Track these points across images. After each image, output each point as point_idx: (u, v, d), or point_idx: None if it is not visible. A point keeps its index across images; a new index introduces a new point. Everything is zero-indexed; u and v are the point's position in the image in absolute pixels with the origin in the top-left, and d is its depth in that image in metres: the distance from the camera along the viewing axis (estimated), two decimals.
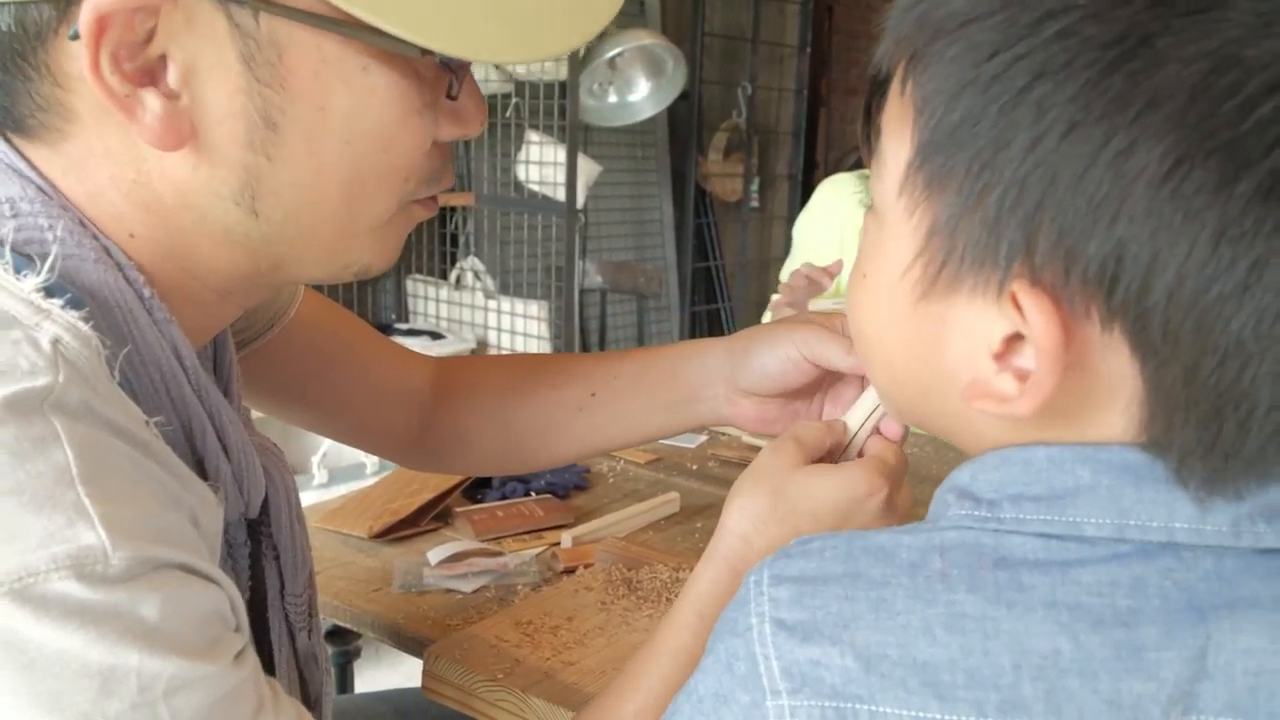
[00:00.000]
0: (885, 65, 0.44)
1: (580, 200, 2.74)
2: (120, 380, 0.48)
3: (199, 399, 0.54)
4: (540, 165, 2.76)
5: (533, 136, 2.80)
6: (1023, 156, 0.37)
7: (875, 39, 0.45)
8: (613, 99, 3.18)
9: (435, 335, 2.86)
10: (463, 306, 2.95)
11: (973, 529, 0.42)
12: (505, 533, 1.09)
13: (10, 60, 0.48)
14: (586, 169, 2.83)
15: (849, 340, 0.69)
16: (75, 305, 0.46)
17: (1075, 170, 0.36)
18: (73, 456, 0.42)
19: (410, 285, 3.07)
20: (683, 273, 3.68)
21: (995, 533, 0.41)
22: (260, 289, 0.59)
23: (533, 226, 2.95)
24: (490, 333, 2.92)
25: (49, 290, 0.46)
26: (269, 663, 0.63)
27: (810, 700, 0.40)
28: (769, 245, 4.13)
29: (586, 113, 3.05)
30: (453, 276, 3.00)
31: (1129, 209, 0.36)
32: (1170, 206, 0.35)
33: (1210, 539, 0.39)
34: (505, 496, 1.18)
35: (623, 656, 0.83)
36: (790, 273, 1.48)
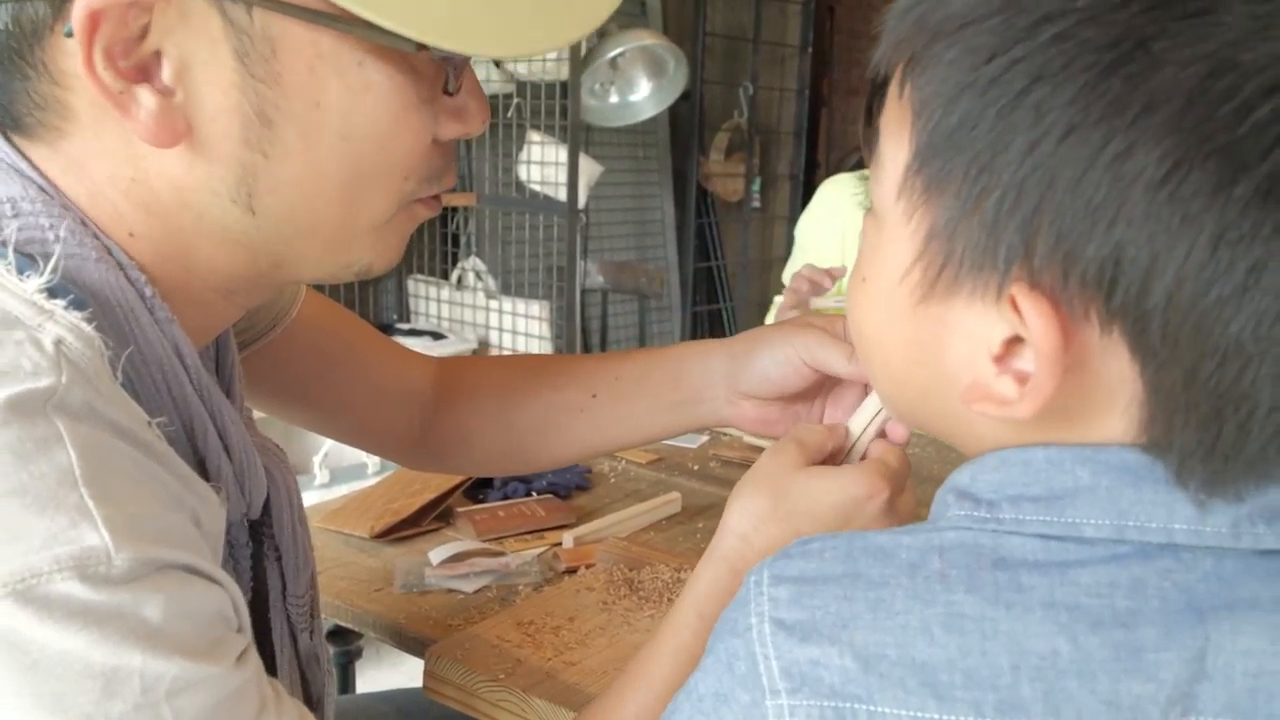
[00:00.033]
0: (884, 68, 0.44)
1: (582, 200, 2.74)
2: (122, 380, 0.48)
3: (200, 398, 0.54)
4: (542, 165, 2.76)
5: (534, 136, 2.80)
6: (1021, 160, 0.37)
7: (877, 39, 0.45)
8: (614, 99, 3.18)
9: (437, 335, 2.86)
10: (464, 307, 2.96)
11: (972, 529, 0.42)
12: (507, 533, 1.09)
13: (8, 58, 0.48)
14: (588, 169, 2.83)
15: (850, 346, 0.69)
16: (78, 306, 0.46)
17: (1073, 173, 0.36)
18: (76, 457, 0.42)
19: (412, 285, 3.08)
20: (684, 273, 3.68)
21: (994, 533, 0.41)
22: (261, 289, 0.59)
23: (534, 226, 2.95)
24: (492, 333, 2.92)
25: (52, 291, 0.46)
26: (271, 663, 0.63)
27: (809, 700, 0.40)
28: (771, 245, 4.13)
29: (588, 113, 3.05)
30: (454, 276, 3.00)
31: (1127, 212, 0.36)
32: (1168, 209, 0.35)
33: (1210, 540, 0.39)
34: (507, 496, 1.18)
35: (624, 657, 0.83)
36: (793, 275, 1.48)
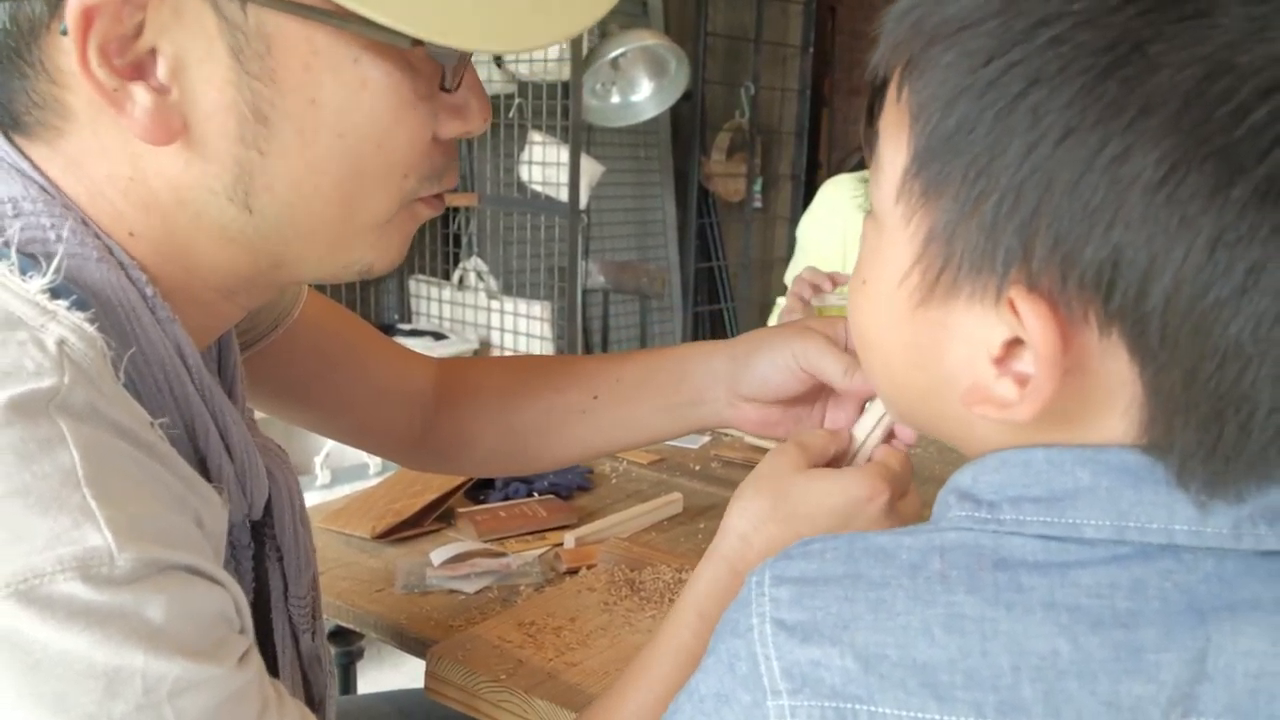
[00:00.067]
0: (882, 70, 0.44)
1: (583, 200, 2.74)
2: (124, 381, 0.48)
3: (202, 398, 0.54)
4: (543, 165, 2.76)
5: (535, 137, 2.80)
6: (1018, 163, 0.37)
7: (877, 41, 0.45)
8: (616, 99, 3.18)
9: (438, 336, 2.86)
10: (465, 307, 2.96)
11: (972, 530, 0.42)
12: (508, 533, 1.09)
13: (6, 57, 0.48)
14: (589, 169, 2.83)
15: (848, 358, 0.69)
16: (81, 307, 0.46)
17: (1071, 176, 0.36)
18: (78, 458, 0.42)
19: (413, 285, 3.08)
20: (685, 273, 3.68)
21: (995, 534, 0.42)
22: (262, 288, 0.59)
23: (535, 227, 2.96)
24: (493, 333, 2.92)
25: (54, 291, 0.46)
26: (273, 664, 0.63)
27: (810, 700, 0.40)
28: (772, 245, 4.13)
29: (589, 113, 3.05)
30: (456, 277, 3.01)
31: (1125, 214, 0.36)
32: (1166, 212, 0.35)
33: (1211, 541, 0.39)
34: (508, 497, 1.18)
35: (626, 657, 0.83)
36: (795, 277, 1.49)
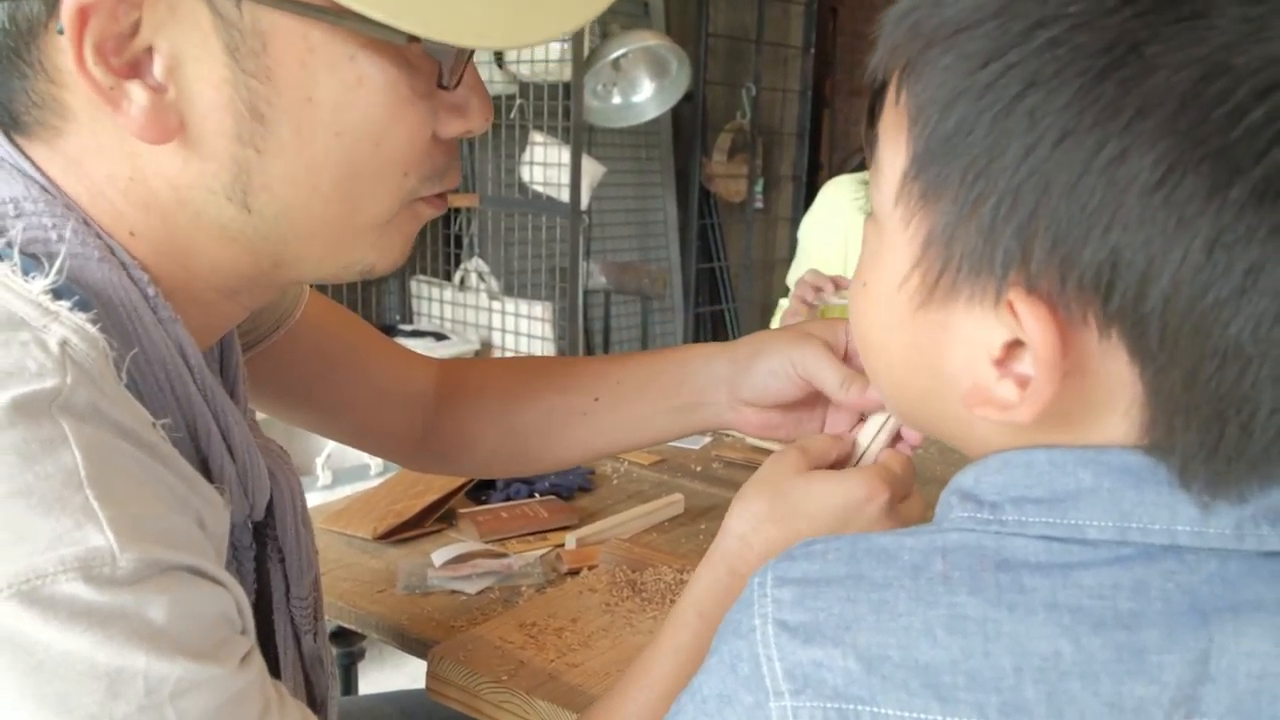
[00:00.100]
0: (881, 73, 0.44)
1: (584, 201, 2.74)
2: (126, 381, 0.47)
3: (204, 398, 0.54)
4: (544, 166, 2.77)
5: (537, 138, 2.80)
6: (1016, 165, 0.37)
7: (876, 43, 0.45)
8: (617, 100, 3.18)
9: (439, 336, 2.86)
10: (467, 308, 2.96)
11: (975, 531, 0.42)
12: (509, 534, 1.09)
13: (6, 57, 0.48)
14: (591, 170, 2.83)
15: (846, 369, 0.70)
16: (83, 307, 0.46)
17: (1068, 178, 0.36)
18: (81, 459, 0.42)
19: (415, 286, 3.08)
20: (687, 274, 3.68)
21: (997, 535, 0.42)
22: (264, 288, 0.58)
23: (537, 227, 2.96)
24: (494, 334, 2.92)
25: (57, 292, 0.46)
26: (274, 666, 0.63)
27: (813, 701, 0.40)
28: (773, 246, 4.13)
29: (591, 114, 3.05)
30: (457, 277, 3.01)
31: (1122, 216, 0.36)
32: (1164, 213, 0.35)
33: (1213, 542, 0.39)
34: (509, 498, 1.18)
35: (627, 658, 0.83)
36: (797, 280, 1.49)
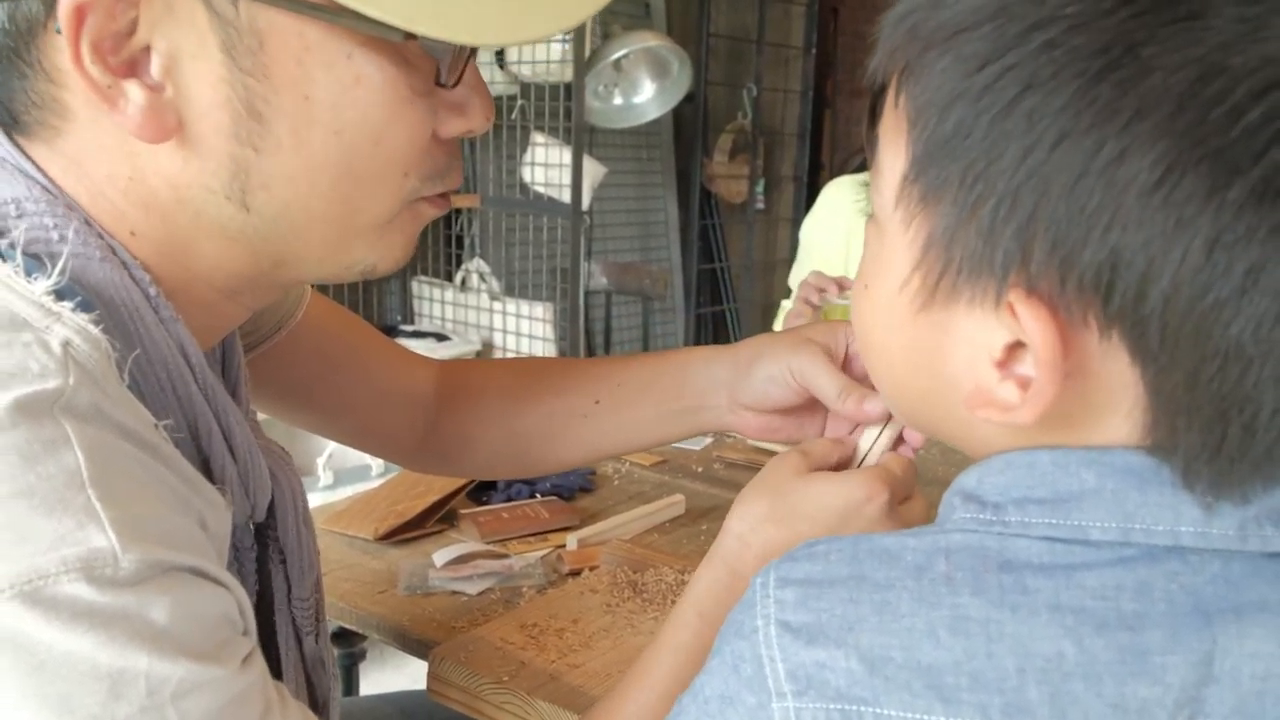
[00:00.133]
0: (880, 76, 0.44)
1: (585, 202, 2.74)
2: (128, 382, 0.47)
3: (205, 398, 0.54)
4: (545, 167, 2.77)
5: (538, 138, 2.80)
6: (1015, 167, 0.37)
7: (874, 46, 0.45)
8: (618, 101, 3.18)
9: (440, 337, 2.87)
10: (468, 308, 2.96)
11: (977, 532, 0.42)
12: (510, 535, 1.09)
13: (6, 57, 0.48)
14: (592, 171, 2.83)
15: (844, 378, 0.70)
16: (85, 308, 0.46)
17: (1067, 180, 0.36)
18: (83, 459, 0.42)
19: (416, 287, 3.08)
20: (688, 274, 3.68)
21: (1000, 536, 0.41)
22: (265, 289, 0.58)
23: (538, 228, 2.96)
24: (495, 334, 2.92)
25: (60, 293, 0.46)
26: (276, 667, 0.63)
27: (815, 702, 0.40)
28: (774, 247, 4.13)
29: (592, 114, 3.05)
30: (458, 278, 3.01)
31: (1122, 217, 0.36)
32: (1162, 214, 0.35)
33: (1217, 543, 0.39)
34: (510, 498, 1.18)
35: (628, 659, 0.83)
36: (800, 281, 1.49)
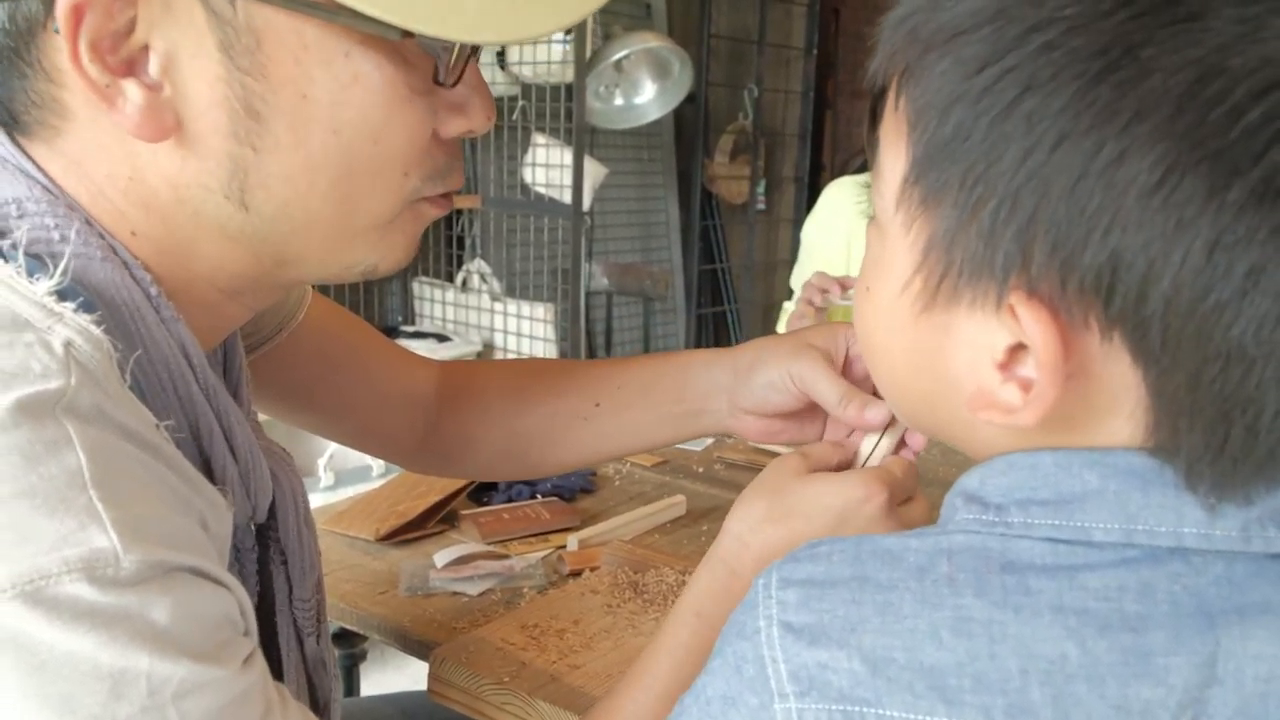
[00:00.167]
0: (880, 79, 0.44)
1: (586, 203, 2.74)
2: (130, 383, 0.47)
3: (206, 398, 0.54)
4: (546, 168, 2.77)
5: (539, 139, 2.81)
6: (1015, 169, 0.37)
7: (875, 48, 0.45)
8: (619, 101, 3.18)
9: (441, 338, 2.87)
10: (469, 309, 2.96)
11: (980, 533, 0.42)
12: (511, 535, 1.09)
13: (6, 57, 0.48)
14: (593, 171, 2.83)
15: (844, 385, 0.70)
16: (87, 309, 0.46)
17: (1067, 182, 0.36)
18: (85, 460, 0.42)
19: (417, 287, 3.08)
20: (689, 275, 3.68)
21: (1003, 537, 0.41)
22: (267, 289, 0.58)
23: (539, 229, 2.96)
24: (497, 335, 2.92)
25: (62, 293, 0.46)
26: (277, 668, 0.63)
27: (818, 703, 0.40)
28: (775, 248, 4.13)
29: (593, 115, 3.05)
30: (459, 279, 3.01)
31: (1122, 219, 0.36)
32: (1163, 215, 0.35)
33: (1220, 544, 0.39)
34: (511, 499, 1.18)
35: (629, 660, 0.83)
36: (803, 282, 1.49)
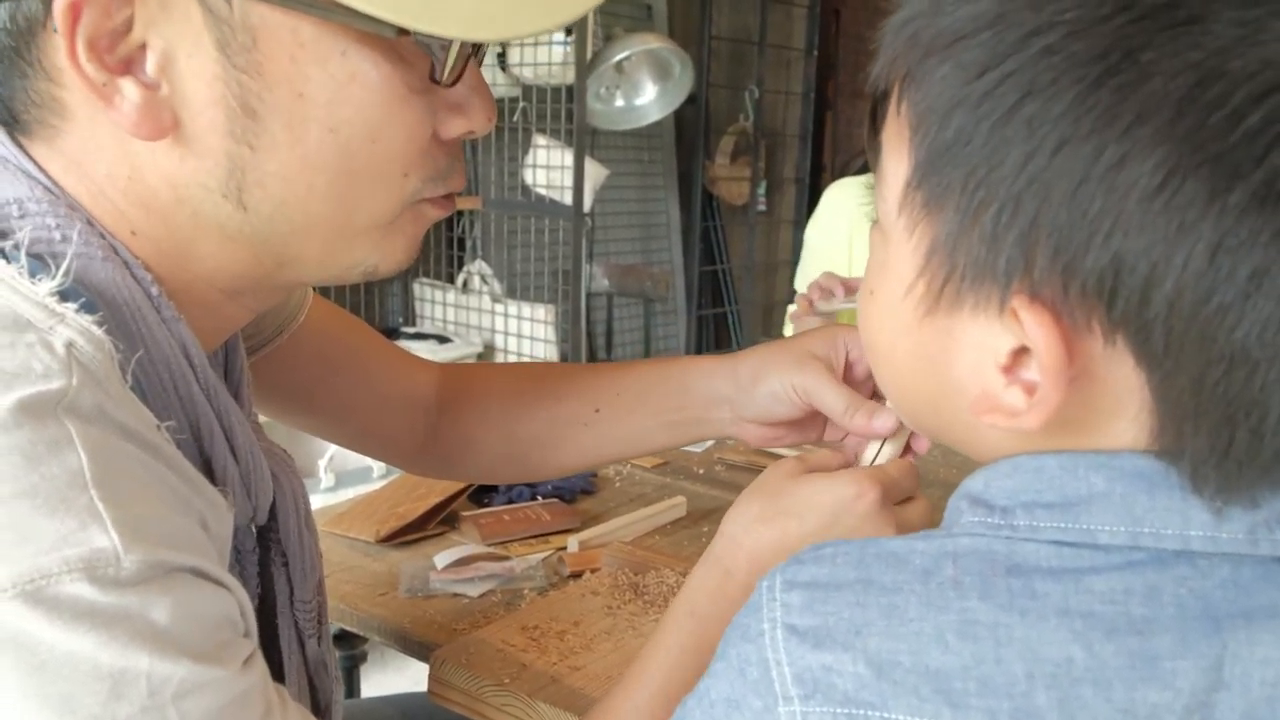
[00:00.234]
0: (882, 83, 0.44)
1: (587, 204, 2.74)
2: (131, 383, 0.47)
3: (207, 399, 0.53)
4: (547, 169, 2.77)
5: (540, 140, 2.81)
6: (1016, 173, 0.37)
7: (877, 52, 0.45)
8: (620, 102, 3.19)
9: (442, 339, 2.86)
10: (470, 310, 2.96)
11: (985, 536, 0.42)
12: (512, 537, 1.09)
13: (7, 56, 0.48)
14: (594, 172, 2.83)
15: (849, 394, 0.70)
16: (89, 309, 0.46)
17: (1068, 186, 0.36)
18: (86, 460, 0.42)
19: (417, 289, 3.08)
20: (689, 276, 3.68)
21: (1008, 540, 0.41)
22: (267, 290, 0.58)
23: (540, 230, 2.96)
24: (497, 336, 2.92)
25: (63, 294, 0.46)
26: (278, 670, 0.63)
27: (822, 706, 0.40)
28: (776, 249, 4.13)
29: (594, 116, 3.05)
30: (460, 280, 3.01)
31: (1123, 223, 0.36)
32: (1164, 219, 0.35)
33: (1226, 547, 0.39)
34: (512, 500, 1.18)
35: (629, 661, 0.82)
36: (809, 283, 1.49)
